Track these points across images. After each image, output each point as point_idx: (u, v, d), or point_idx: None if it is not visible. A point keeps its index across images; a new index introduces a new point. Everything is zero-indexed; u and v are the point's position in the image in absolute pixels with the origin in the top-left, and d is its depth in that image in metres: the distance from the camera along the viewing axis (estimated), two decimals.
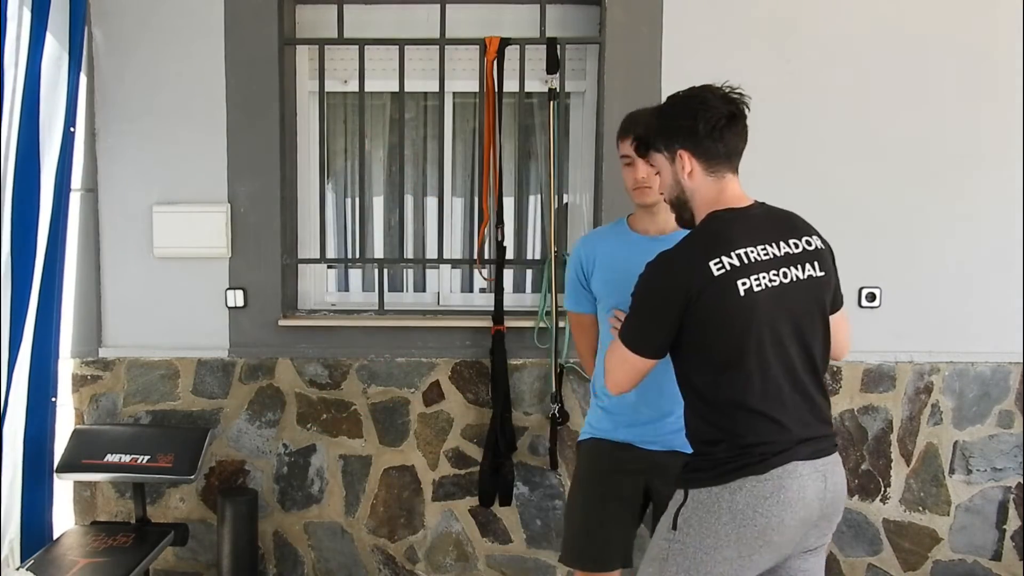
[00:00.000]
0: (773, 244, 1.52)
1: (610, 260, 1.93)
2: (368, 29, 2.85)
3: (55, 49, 2.49)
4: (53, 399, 2.65)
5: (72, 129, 2.59)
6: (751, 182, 2.78)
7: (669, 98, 1.63)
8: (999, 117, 2.76)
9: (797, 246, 1.55)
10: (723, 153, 1.55)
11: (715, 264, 1.46)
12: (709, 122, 1.53)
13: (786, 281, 1.50)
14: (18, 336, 2.45)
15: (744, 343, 1.47)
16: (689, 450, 1.61)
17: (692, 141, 1.55)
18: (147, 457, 2.54)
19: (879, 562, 2.88)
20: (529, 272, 3.03)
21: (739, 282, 1.46)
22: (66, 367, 2.78)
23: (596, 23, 2.83)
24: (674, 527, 1.51)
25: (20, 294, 2.44)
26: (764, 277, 1.48)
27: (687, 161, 1.56)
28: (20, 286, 2.44)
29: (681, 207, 1.62)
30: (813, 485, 1.48)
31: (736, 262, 1.47)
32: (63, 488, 2.79)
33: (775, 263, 1.50)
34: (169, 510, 2.87)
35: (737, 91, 1.58)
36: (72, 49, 2.56)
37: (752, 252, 1.49)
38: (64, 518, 2.79)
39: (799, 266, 1.53)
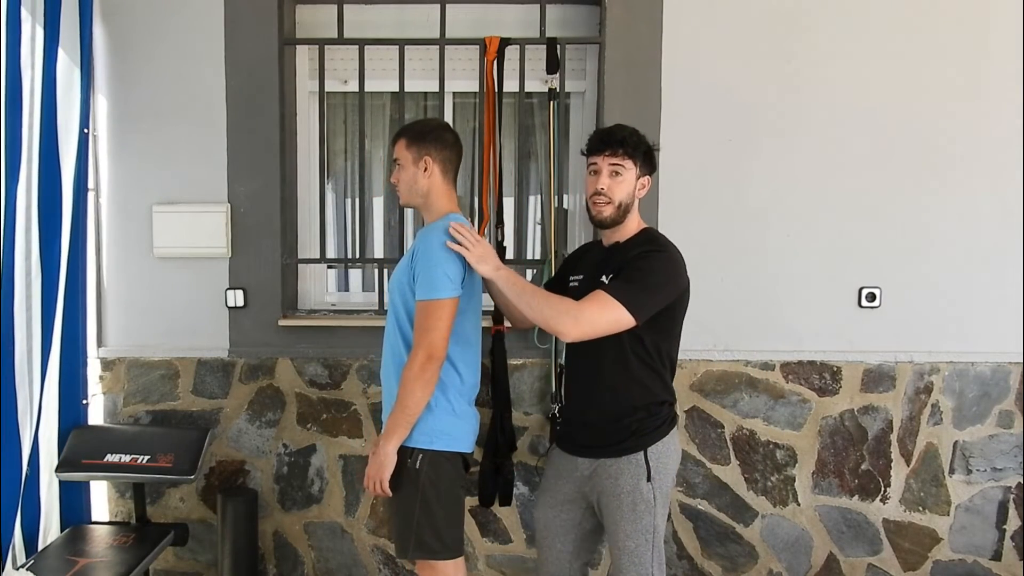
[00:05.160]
0: None
1: None
2: (368, 29, 2.85)
3: (67, 52, 2.52)
4: (85, 401, 2.70)
5: (86, 130, 2.63)
6: (752, 183, 2.81)
7: (646, 138, 2.06)
8: (999, 117, 2.77)
9: None
10: None
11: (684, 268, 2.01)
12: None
13: None
14: (48, 338, 2.49)
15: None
16: None
17: (652, 172, 2.08)
18: (147, 457, 2.54)
19: (879, 562, 2.89)
20: (529, 272, 3.03)
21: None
22: (94, 368, 2.80)
23: (596, 23, 2.84)
24: (649, 479, 1.96)
25: (48, 296, 2.48)
26: None
27: (646, 184, 2.07)
28: (48, 288, 2.48)
29: (625, 211, 2.02)
30: None
31: None
32: (98, 488, 2.82)
33: None
34: (169, 510, 2.87)
35: None
36: (82, 51, 2.59)
37: None
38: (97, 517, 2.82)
39: None
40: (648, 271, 1.90)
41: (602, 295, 1.87)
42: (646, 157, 2.04)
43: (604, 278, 1.96)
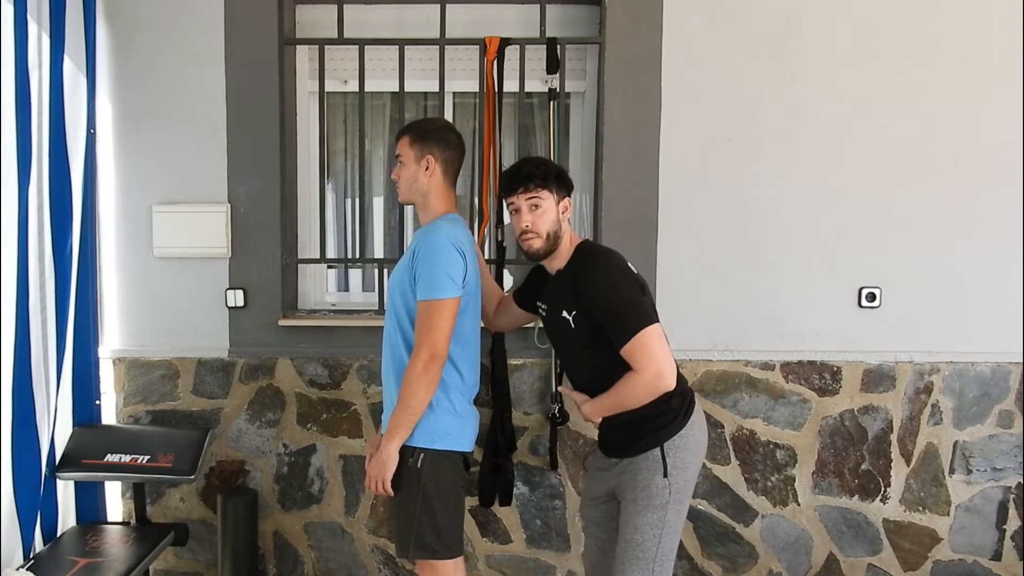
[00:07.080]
0: None
1: None
2: (368, 29, 2.85)
3: (72, 56, 2.52)
4: (97, 402, 2.70)
5: (92, 131, 2.63)
6: (752, 183, 2.81)
7: (553, 164, 2.13)
8: (999, 117, 2.77)
9: None
10: None
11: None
12: None
13: None
14: (63, 338, 2.50)
15: None
16: None
17: (569, 192, 2.10)
18: (147, 457, 2.54)
19: (879, 562, 2.89)
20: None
21: None
22: (107, 368, 2.80)
23: (596, 23, 2.84)
24: (665, 475, 1.93)
25: (62, 296, 2.49)
26: None
27: (568, 205, 2.08)
28: (61, 288, 2.48)
29: (556, 239, 2.03)
30: None
31: None
32: (112, 487, 2.82)
33: None
34: (169, 510, 2.87)
35: None
36: (87, 54, 2.59)
37: None
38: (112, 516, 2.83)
39: None
40: (612, 292, 1.91)
41: (630, 344, 1.87)
42: (559, 181, 2.05)
43: (565, 313, 2.00)
